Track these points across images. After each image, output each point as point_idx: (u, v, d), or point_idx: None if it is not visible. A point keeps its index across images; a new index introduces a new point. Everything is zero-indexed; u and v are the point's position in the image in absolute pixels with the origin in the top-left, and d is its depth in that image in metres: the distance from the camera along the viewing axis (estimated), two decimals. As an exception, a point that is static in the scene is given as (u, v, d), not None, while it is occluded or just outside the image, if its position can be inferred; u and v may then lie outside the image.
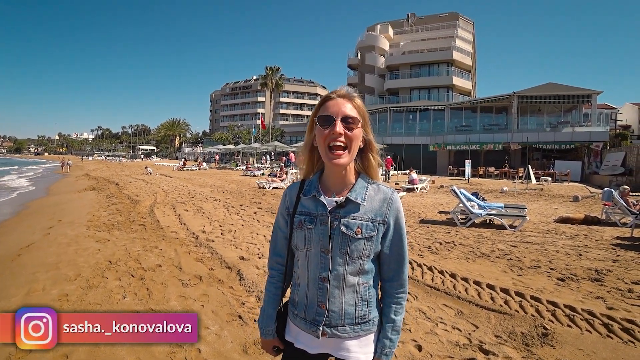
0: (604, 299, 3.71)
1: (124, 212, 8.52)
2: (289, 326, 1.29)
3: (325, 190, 1.21)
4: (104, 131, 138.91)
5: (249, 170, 25.03)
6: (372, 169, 1.23)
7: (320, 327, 1.16)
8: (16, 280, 4.04)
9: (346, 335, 1.16)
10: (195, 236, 6.14)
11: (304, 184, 1.26)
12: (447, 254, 5.38)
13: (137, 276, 4.15)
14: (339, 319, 1.16)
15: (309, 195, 1.21)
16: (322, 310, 1.17)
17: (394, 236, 1.19)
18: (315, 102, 30.36)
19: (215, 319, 3.15)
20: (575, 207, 10.95)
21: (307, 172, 1.28)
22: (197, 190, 13.44)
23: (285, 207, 1.29)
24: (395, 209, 1.19)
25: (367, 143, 1.21)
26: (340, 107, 1.13)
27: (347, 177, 1.19)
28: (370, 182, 1.21)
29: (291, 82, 71.02)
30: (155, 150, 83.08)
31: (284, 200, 1.31)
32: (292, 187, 1.30)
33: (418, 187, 14.86)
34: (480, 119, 29.39)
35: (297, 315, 1.23)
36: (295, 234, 1.22)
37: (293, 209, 1.24)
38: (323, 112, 1.15)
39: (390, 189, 1.22)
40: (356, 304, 1.17)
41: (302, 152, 1.26)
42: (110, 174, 24.26)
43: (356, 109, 1.15)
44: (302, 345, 1.22)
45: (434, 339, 2.88)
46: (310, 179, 1.25)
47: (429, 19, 43.14)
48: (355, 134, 1.13)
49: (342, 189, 1.19)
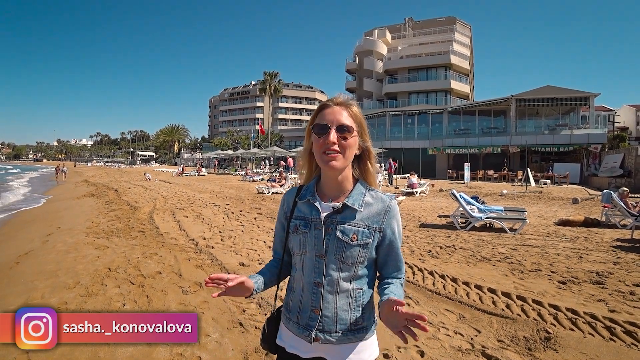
0: (605, 302, 3.69)
1: (123, 218, 8.49)
2: (281, 330, 1.28)
3: (322, 196, 1.22)
4: (102, 137, 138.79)
5: (248, 175, 25.02)
6: (369, 176, 1.23)
7: (313, 332, 1.16)
8: (15, 288, 4.02)
9: (339, 341, 1.15)
10: (195, 242, 6.12)
11: (301, 189, 1.27)
12: (447, 258, 5.37)
13: (137, 283, 4.12)
14: (332, 324, 1.15)
15: (304, 200, 1.22)
16: (316, 315, 1.16)
17: (391, 244, 1.18)
18: (314, 107, 30.58)
19: (216, 326, 3.13)
20: (575, 209, 10.95)
21: (307, 177, 1.29)
22: (197, 196, 13.42)
23: (283, 212, 1.31)
24: (392, 217, 1.18)
25: (365, 150, 1.21)
26: (336, 116, 1.13)
27: (343, 183, 1.19)
28: (369, 189, 1.21)
29: (290, 87, 71.17)
30: (154, 156, 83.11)
31: (282, 204, 1.33)
32: (290, 192, 1.32)
33: (417, 191, 14.86)
34: (479, 122, 29.52)
35: (291, 319, 1.23)
36: (291, 238, 1.23)
37: (290, 213, 1.26)
38: (319, 120, 1.15)
39: (389, 196, 1.21)
40: (350, 310, 1.16)
41: (302, 157, 1.27)
42: (109, 180, 24.22)
43: (352, 117, 1.15)
44: (295, 350, 1.22)
45: (437, 344, 2.86)
46: (307, 185, 1.27)
47: (427, 24, 43.43)
48: (349, 143, 1.13)
49: (338, 195, 1.20)
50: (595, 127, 24.84)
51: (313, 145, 1.17)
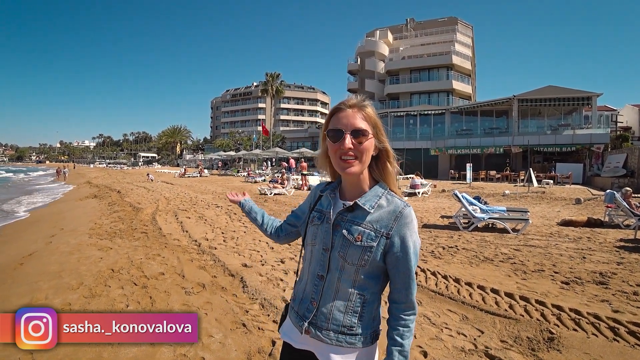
0: (609, 302, 3.68)
1: (126, 219, 8.52)
2: (286, 319, 1.33)
3: (342, 194, 1.25)
4: (105, 139, 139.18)
5: (250, 176, 25.06)
6: (389, 176, 1.21)
7: (306, 323, 1.17)
8: (18, 289, 4.04)
9: (328, 341, 1.14)
10: (197, 243, 6.13)
11: (329, 185, 1.32)
12: (450, 259, 5.36)
13: (140, 284, 4.14)
14: (325, 321, 1.15)
15: (324, 194, 1.29)
16: (313, 308, 1.18)
17: (400, 253, 1.12)
18: (316, 108, 30.81)
19: (218, 327, 3.14)
20: (578, 209, 10.91)
21: (331, 175, 1.33)
22: (199, 197, 13.45)
23: (309, 202, 1.38)
24: (403, 225, 1.12)
25: (382, 150, 1.19)
26: (350, 120, 1.12)
27: (361, 185, 1.19)
28: (387, 192, 1.18)
29: (291, 88, 71.21)
30: (157, 158, 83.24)
31: (310, 194, 1.40)
32: (319, 184, 1.38)
33: (420, 192, 14.84)
34: (481, 123, 29.44)
35: (293, 308, 1.26)
36: (308, 228, 1.28)
37: (313, 205, 1.32)
38: (333, 125, 1.14)
39: (405, 202, 1.17)
40: (346, 312, 1.15)
41: (320, 161, 1.28)
42: (112, 181, 24.29)
43: (366, 119, 1.14)
44: (288, 339, 1.25)
45: (440, 345, 2.85)
46: (335, 181, 1.31)
47: (428, 24, 43.37)
48: (365, 147, 1.12)
49: (357, 195, 1.20)
50: (597, 127, 24.71)
51: (329, 150, 1.17)
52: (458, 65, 37.77)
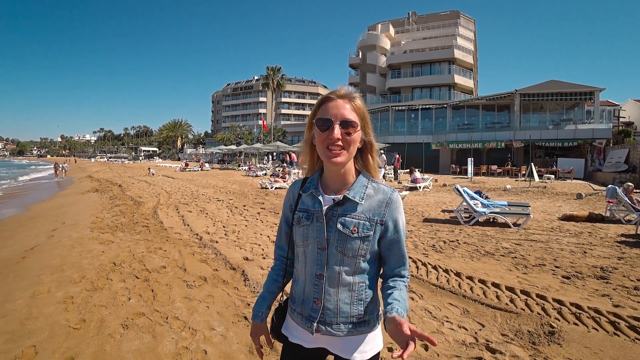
0: (610, 297, 3.69)
1: (127, 213, 8.53)
2: (287, 321, 1.30)
3: (325, 188, 1.22)
4: (106, 133, 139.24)
5: (251, 170, 25.04)
6: (371, 169, 1.22)
7: (315, 323, 1.17)
8: (21, 283, 4.06)
9: (340, 333, 1.16)
10: (199, 237, 6.14)
11: (305, 181, 1.27)
12: (451, 253, 5.37)
13: (142, 278, 4.15)
14: (334, 316, 1.16)
15: (307, 192, 1.23)
16: (318, 307, 1.17)
17: (393, 237, 1.17)
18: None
19: (220, 320, 3.15)
20: (579, 204, 10.90)
21: (309, 169, 1.29)
22: (200, 191, 13.45)
23: (288, 204, 1.31)
24: (394, 209, 1.16)
25: (367, 144, 1.20)
26: (339, 110, 1.11)
27: (346, 176, 1.19)
28: (371, 181, 1.20)
29: (292, 82, 71.06)
30: (158, 152, 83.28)
31: (287, 197, 1.33)
32: (294, 184, 1.33)
33: (421, 186, 14.83)
34: (483, 117, 29.32)
35: (295, 310, 1.24)
36: (294, 229, 1.24)
37: (294, 206, 1.26)
38: (322, 114, 1.13)
39: (391, 188, 1.20)
40: (352, 303, 1.16)
41: (303, 149, 1.27)
42: (113, 175, 24.32)
43: (355, 111, 1.13)
44: (298, 339, 1.23)
45: (441, 338, 2.86)
46: (312, 177, 1.27)
47: (430, 18, 43.08)
48: (353, 138, 1.12)
49: (341, 188, 1.19)
50: (600, 122, 24.61)
51: (315, 139, 1.16)
52: (460, 60, 37.57)
